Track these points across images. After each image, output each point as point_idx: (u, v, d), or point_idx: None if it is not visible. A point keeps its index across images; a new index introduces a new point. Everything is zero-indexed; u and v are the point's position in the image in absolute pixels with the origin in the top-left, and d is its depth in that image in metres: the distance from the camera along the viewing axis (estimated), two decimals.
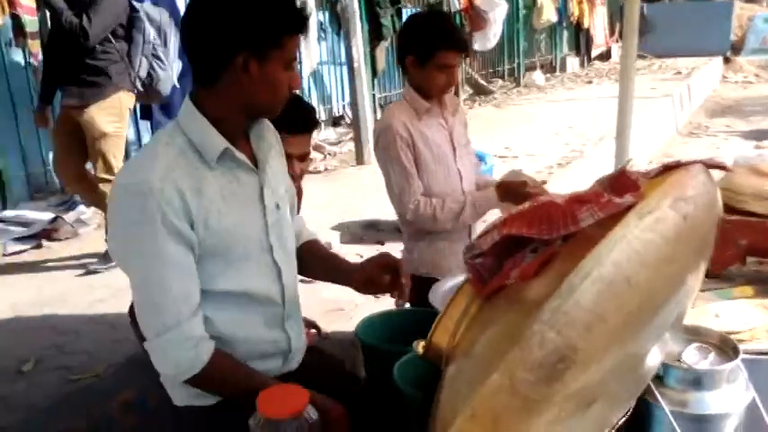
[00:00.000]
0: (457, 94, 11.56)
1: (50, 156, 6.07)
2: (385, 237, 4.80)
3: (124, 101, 4.37)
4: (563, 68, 16.98)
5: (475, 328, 0.93)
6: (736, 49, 20.70)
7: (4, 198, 5.52)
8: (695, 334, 1.32)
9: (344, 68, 7.56)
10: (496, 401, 0.79)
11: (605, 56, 17.73)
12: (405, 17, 9.51)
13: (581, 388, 0.82)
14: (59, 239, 5.18)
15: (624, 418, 1.08)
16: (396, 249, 3.09)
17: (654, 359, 1.04)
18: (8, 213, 5.38)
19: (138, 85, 4.50)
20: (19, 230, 5.14)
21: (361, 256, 4.51)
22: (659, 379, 1.23)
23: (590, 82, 14.20)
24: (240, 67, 1.49)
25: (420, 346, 1.06)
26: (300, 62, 8.03)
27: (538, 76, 14.47)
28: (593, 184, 0.93)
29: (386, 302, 2.52)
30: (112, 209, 1.53)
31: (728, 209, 1.78)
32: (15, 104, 5.63)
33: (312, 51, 7.98)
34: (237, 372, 1.58)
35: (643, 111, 9.99)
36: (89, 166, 4.49)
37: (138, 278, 1.52)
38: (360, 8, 7.78)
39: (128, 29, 4.41)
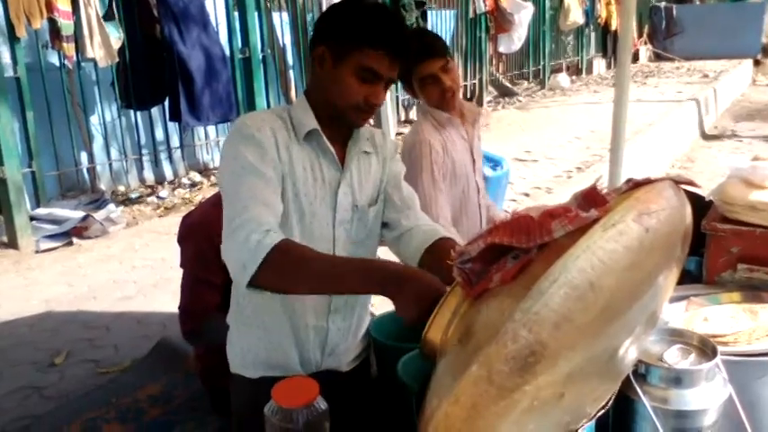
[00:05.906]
0: (481, 95, 11.64)
1: (83, 155, 6.26)
2: None
3: None
4: (589, 71, 16.92)
5: (463, 326, 1.04)
6: (767, 51, 20.42)
7: (37, 197, 5.62)
8: (678, 336, 1.42)
9: None
10: (476, 389, 0.90)
11: (633, 58, 17.65)
12: (431, 18, 9.59)
13: (552, 380, 0.93)
14: (89, 237, 5.30)
15: (602, 411, 1.18)
16: None
17: (630, 355, 1.14)
18: (41, 211, 5.49)
19: None
20: (51, 228, 5.26)
21: None
22: (643, 377, 1.34)
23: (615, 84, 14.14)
24: (318, 57, 1.58)
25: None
26: None
27: (563, 78, 14.45)
28: (570, 198, 1.04)
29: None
30: (224, 143, 1.63)
31: (722, 218, 1.88)
32: (50, 105, 5.73)
33: None
34: (311, 253, 1.42)
35: (667, 115, 9.99)
36: None
37: (229, 186, 1.52)
38: None
39: None
